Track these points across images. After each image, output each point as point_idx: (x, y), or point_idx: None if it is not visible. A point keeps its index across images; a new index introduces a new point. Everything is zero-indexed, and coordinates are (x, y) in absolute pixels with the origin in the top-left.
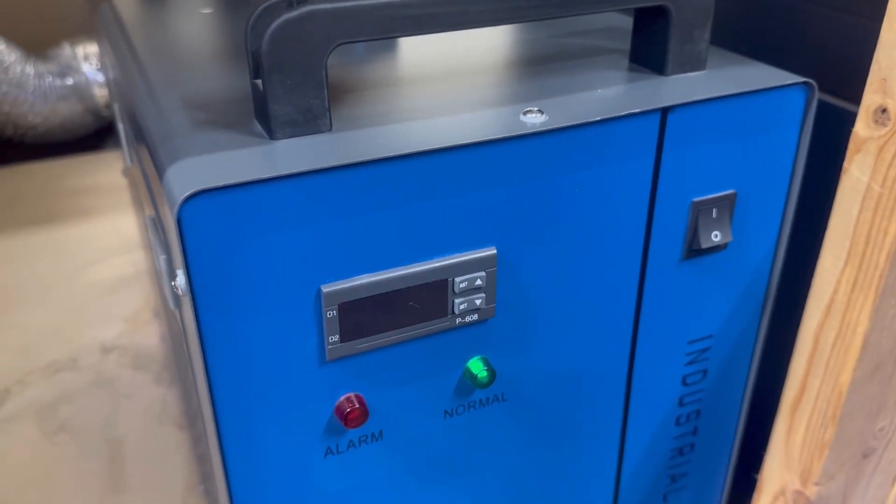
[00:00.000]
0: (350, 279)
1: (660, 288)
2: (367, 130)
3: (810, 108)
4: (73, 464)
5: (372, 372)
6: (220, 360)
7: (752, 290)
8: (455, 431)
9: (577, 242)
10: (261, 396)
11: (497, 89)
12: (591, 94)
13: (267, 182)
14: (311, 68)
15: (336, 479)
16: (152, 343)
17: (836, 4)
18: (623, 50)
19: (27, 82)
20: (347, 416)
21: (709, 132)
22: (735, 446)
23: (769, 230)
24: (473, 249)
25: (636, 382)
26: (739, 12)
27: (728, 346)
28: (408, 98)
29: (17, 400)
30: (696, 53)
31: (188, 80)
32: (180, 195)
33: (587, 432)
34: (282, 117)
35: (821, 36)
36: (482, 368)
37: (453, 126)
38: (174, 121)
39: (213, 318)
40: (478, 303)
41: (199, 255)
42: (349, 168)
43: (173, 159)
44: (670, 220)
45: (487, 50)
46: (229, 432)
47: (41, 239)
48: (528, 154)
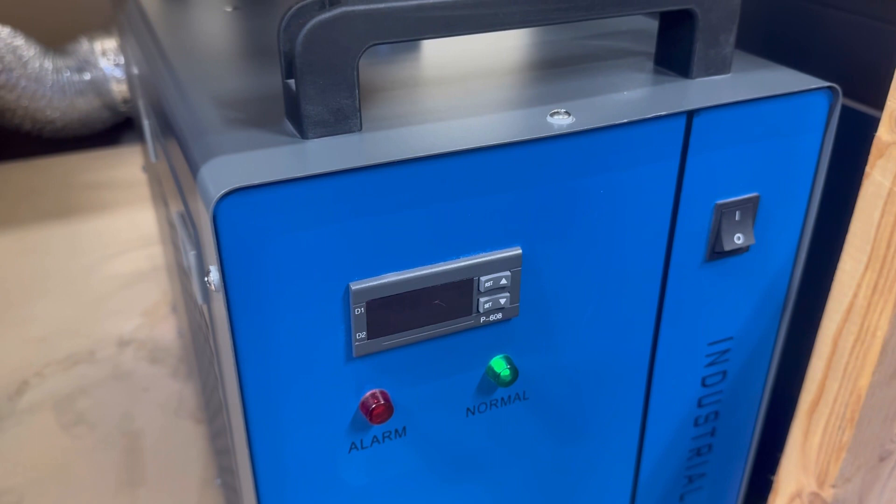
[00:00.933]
0: (378, 277)
1: (682, 289)
2: (396, 131)
3: (834, 113)
4: (91, 456)
5: (397, 369)
6: (251, 355)
7: (772, 292)
8: (476, 429)
9: (601, 243)
10: (289, 391)
11: (523, 90)
12: (617, 96)
13: (300, 181)
14: (344, 69)
15: (359, 473)
16: (169, 337)
17: (859, 10)
18: (647, 52)
19: (45, 77)
20: (373, 412)
21: (733, 135)
22: (752, 448)
23: (791, 233)
24: (499, 249)
25: (656, 383)
26: (762, 17)
27: (748, 348)
28: (435, 99)
29: (36, 392)
30: (721, 57)
31: (217, 78)
32: (216, 193)
33: (607, 432)
34: (313, 117)
35: (844, 41)
36: (505, 367)
37: (481, 127)
38: (206, 119)
39: (245, 313)
40: (502, 302)
41: (233, 252)
42: (380, 168)
43: (207, 157)
44: (694, 223)
45: (511, 51)
46: (258, 426)
47: (59, 232)
48: (555, 155)
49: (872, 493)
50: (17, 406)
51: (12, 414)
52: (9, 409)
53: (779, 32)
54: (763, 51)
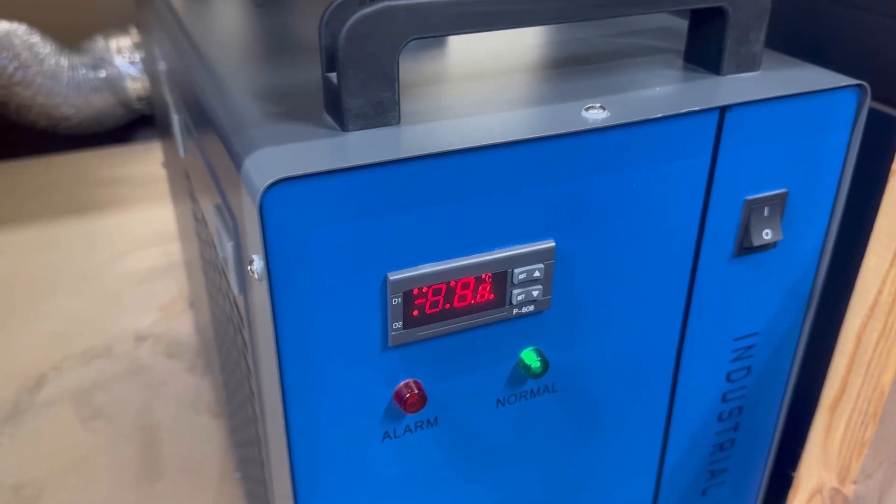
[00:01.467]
0: (415, 268)
1: (710, 284)
2: (434, 124)
3: (862, 110)
4: (110, 449)
5: (430, 359)
6: (292, 344)
7: (797, 288)
8: (505, 420)
9: (632, 237)
10: (327, 380)
11: (555, 85)
12: (649, 91)
13: (342, 172)
14: (385, 63)
15: (391, 462)
16: (186, 332)
17: (882, 10)
18: (675, 49)
19: (61, 74)
20: (407, 402)
21: (763, 131)
22: (774, 443)
23: (817, 229)
24: (533, 242)
25: (682, 377)
26: (785, 17)
27: (772, 344)
28: (469, 93)
29: (54, 386)
30: (751, 54)
31: (252, 73)
32: (262, 184)
33: (632, 426)
34: (354, 110)
35: (867, 41)
36: (536, 359)
37: (517, 121)
38: (246, 112)
39: (287, 302)
40: (535, 294)
41: (278, 241)
42: (419, 160)
43: (250, 149)
44: (723, 218)
45: (540, 47)
46: (295, 414)
47: (75, 228)
48: (590, 149)
49: (893, 489)
50: (37, 399)
51: (31, 407)
52: (28, 403)
53: (802, 32)
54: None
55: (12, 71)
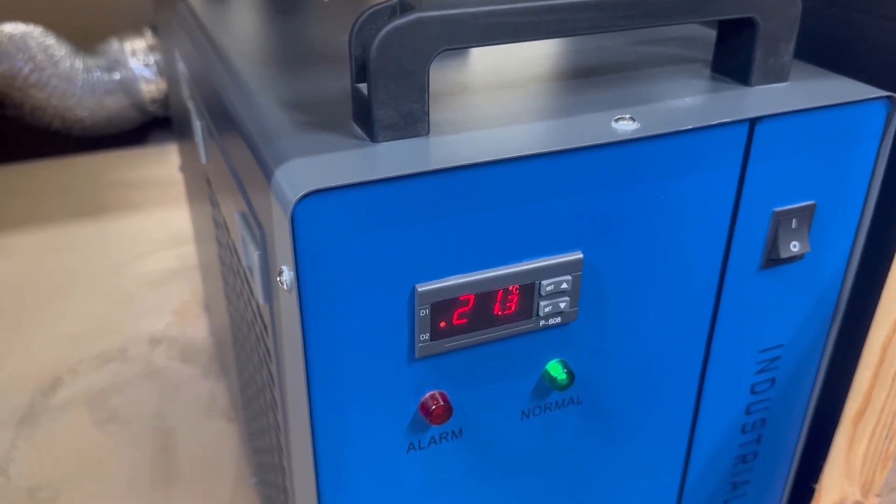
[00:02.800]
0: (443, 279)
1: (737, 296)
2: (463, 135)
3: (891, 122)
4: (125, 453)
5: (456, 370)
6: (319, 354)
7: (823, 300)
8: (530, 432)
9: (660, 249)
10: (354, 390)
11: (583, 96)
12: (679, 102)
13: (372, 183)
14: (415, 74)
15: (416, 474)
16: (200, 336)
17: None
18: (702, 59)
19: (76, 76)
20: (432, 413)
21: (792, 143)
22: (796, 455)
23: (844, 242)
24: (561, 253)
25: (707, 389)
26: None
27: (797, 356)
28: (497, 103)
29: (69, 388)
30: (780, 65)
31: (280, 81)
32: (294, 196)
33: (656, 438)
34: (384, 121)
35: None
36: (561, 371)
37: (546, 132)
38: (274, 121)
39: (316, 313)
40: (562, 306)
41: (308, 253)
42: (449, 171)
43: (281, 160)
44: (751, 229)
45: (566, 56)
46: (322, 424)
47: (89, 230)
48: (620, 161)
49: None
50: (52, 402)
51: (46, 410)
52: (43, 405)
53: (824, 42)
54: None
55: (27, 73)
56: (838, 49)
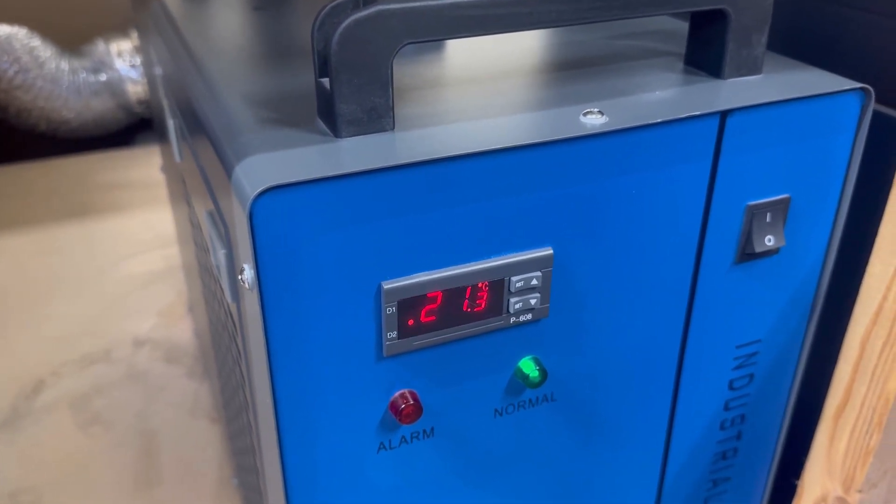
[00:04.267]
0: (409, 276)
1: (711, 291)
2: (428, 130)
3: (866, 114)
4: (107, 455)
5: (426, 369)
6: (283, 353)
7: (801, 295)
8: (504, 430)
9: (632, 244)
10: (320, 390)
11: (553, 90)
12: (649, 95)
13: (334, 179)
14: (378, 68)
15: (387, 474)
16: (185, 337)
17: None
18: (676, 53)
19: (61, 78)
20: (402, 412)
21: (765, 136)
22: (777, 452)
23: (820, 236)
24: (530, 249)
25: (684, 385)
26: (787, 19)
27: (775, 351)
28: (465, 98)
29: (52, 391)
30: (752, 57)
31: (246, 78)
32: (252, 191)
33: (633, 434)
34: (347, 116)
35: (873, 44)
36: (534, 368)
37: (513, 126)
38: (238, 118)
39: (278, 311)
40: (533, 302)
41: (268, 250)
42: (413, 167)
43: (242, 156)
44: (725, 224)
45: (539, 51)
46: (288, 424)
47: (74, 232)
48: (588, 155)
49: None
50: (34, 405)
51: (29, 413)
52: (26, 408)
53: (804, 35)
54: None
55: (12, 75)
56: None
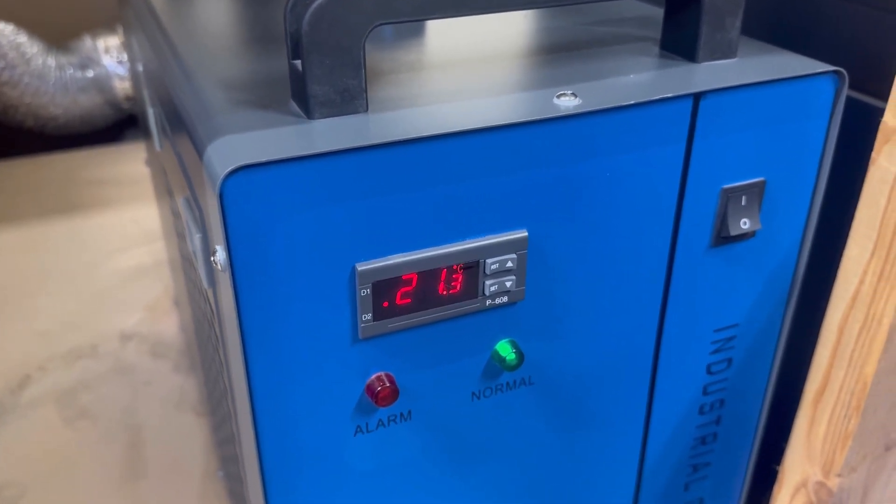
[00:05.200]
0: (384, 258)
1: (687, 275)
2: (402, 111)
3: (840, 97)
4: (93, 449)
5: (402, 351)
6: (257, 336)
7: (778, 278)
8: (482, 413)
9: (607, 227)
10: (294, 373)
11: (529, 73)
12: (623, 79)
13: (306, 159)
14: (350, 49)
15: (365, 457)
16: (171, 331)
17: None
18: (652, 38)
19: (48, 74)
20: (378, 395)
21: (740, 119)
22: (757, 437)
23: (797, 219)
24: (505, 231)
25: (661, 369)
26: (766, 6)
27: (753, 336)
28: (441, 81)
29: (38, 386)
30: (727, 41)
31: (223, 63)
32: (222, 171)
33: (612, 418)
34: (320, 97)
35: (848, 31)
36: (510, 351)
37: (487, 108)
38: (212, 101)
39: (251, 293)
40: (508, 285)
41: (240, 230)
42: (386, 147)
43: (213, 137)
44: (700, 207)
45: (517, 36)
46: (263, 408)
47: (62, 228)
48: (562, 137)
49: (878, 482)
50: (20, 400)
51: (15, 408)
52: (11, 403)
53: (782, 22)
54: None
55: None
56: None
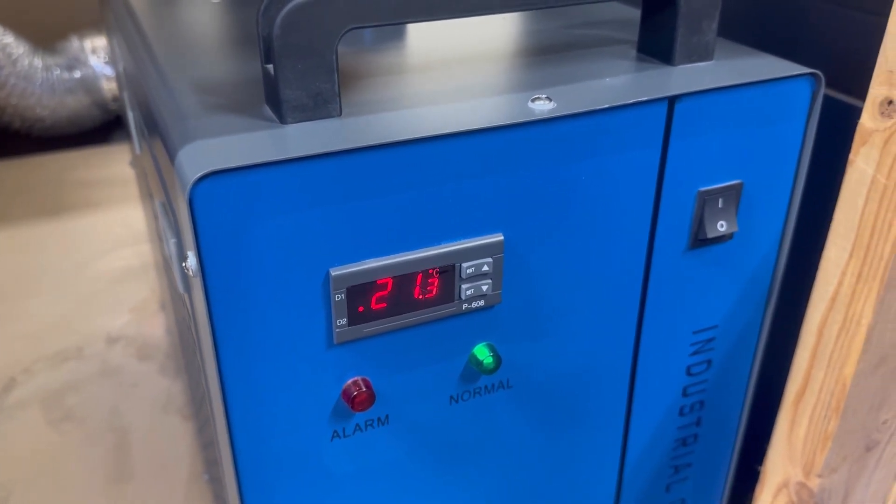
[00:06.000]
0: (358, 263)
1: (665, 277)
2: (376, 116)
3: (817, 99)
4: (79, 452)
5: (378, 356)
6: (230, 342)
7: (757, 280)
8: (460, 417)
9: (583, 230)
10: (269, 379)
11: (505, 77)
12: (598, 82)
13: (278, 164)
14: (322, 53)
15: (342, 462)
16: (158, 334)
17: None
18: (630, 41)
19: (35, 75)
20: (354, 400)
21: (716, 121)
22: (738, 438)
23: (775, 221)
24: (480, 235)
25: (640, 372)
26: (744, 7)
27: (733, 337)
28: (416, 85)
29: (24, 388)
30: (703, 44)
31: (199, 66)
32: (192, 176)
33: (591, 421)
34: (292, 101)
35: (826, 31)
36: (488, 355)
37: (462, 112)
38: (186, 104)
39: (223, 299)
40: (484, 289)
41: (211, 236)
42: (359, 152)
43: (185, 141)
44: (676, 210)
45: (495, 39)
46: (238, 414)
47: (49, 230)
48: (536, 141)
49: (859, 483)
50: (5, 402)
51: (0, 410)
52: None
53: (759, 23)
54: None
55: None
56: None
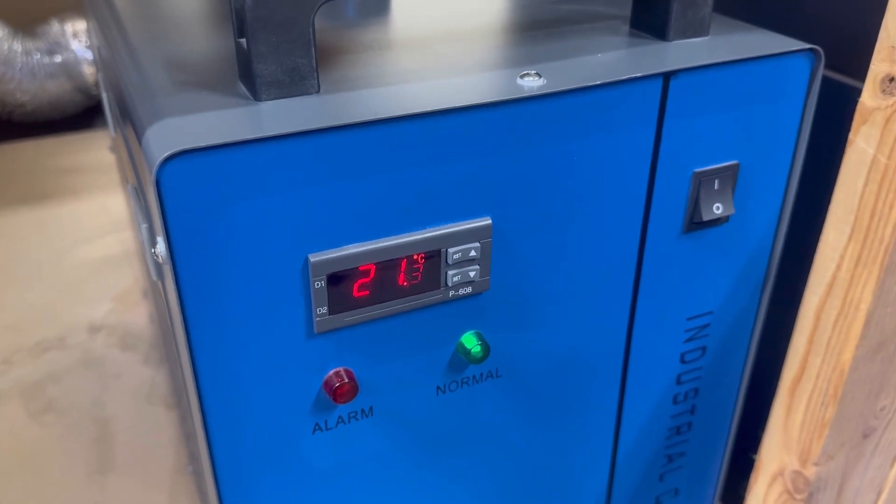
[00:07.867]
0: (339, 249)
1: (659, 261)
2: (357, 92)
3: (816, 76)
4: (60, 444)
5: (361, 346)
6: (203, 333)
7: (753, 265)
8: (448, 408)
9: (574, 213)
10: (246, 370)
11: (493, 53)
12: (590, 58)
13: (251, 143)
14: (298, 25)
15: (325, 455)
16: (141, 323)
17: None
18: (622, 16)
19: (15, 59)
20: (336, 391)
21: (712, 99)
22: (733, 426)
23: (772, 203)
24: (467, 219)
25: (633, 359)
26: None
27: (728, 323)
28: (400, 61)
29: (4, 379)
30: (699, 19)
31: (171, 43)
32: (159, 156)
33: (583, 410)
34: (267, 77)
35: (825, 10)
36: (476, 343)
37: (447, 89)
38: (155, 81)
39: (195, 287)
40: (472, 275)
41: (180, 220)
42: (338, 130)
43: (153, 119)
44: (671, 191)
45: (483, 15)
46: (213, 407)
47: (30, 218)
48: (525, 119)
49: (856, 470)
50: None
51: None
52: None
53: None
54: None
55: None
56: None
